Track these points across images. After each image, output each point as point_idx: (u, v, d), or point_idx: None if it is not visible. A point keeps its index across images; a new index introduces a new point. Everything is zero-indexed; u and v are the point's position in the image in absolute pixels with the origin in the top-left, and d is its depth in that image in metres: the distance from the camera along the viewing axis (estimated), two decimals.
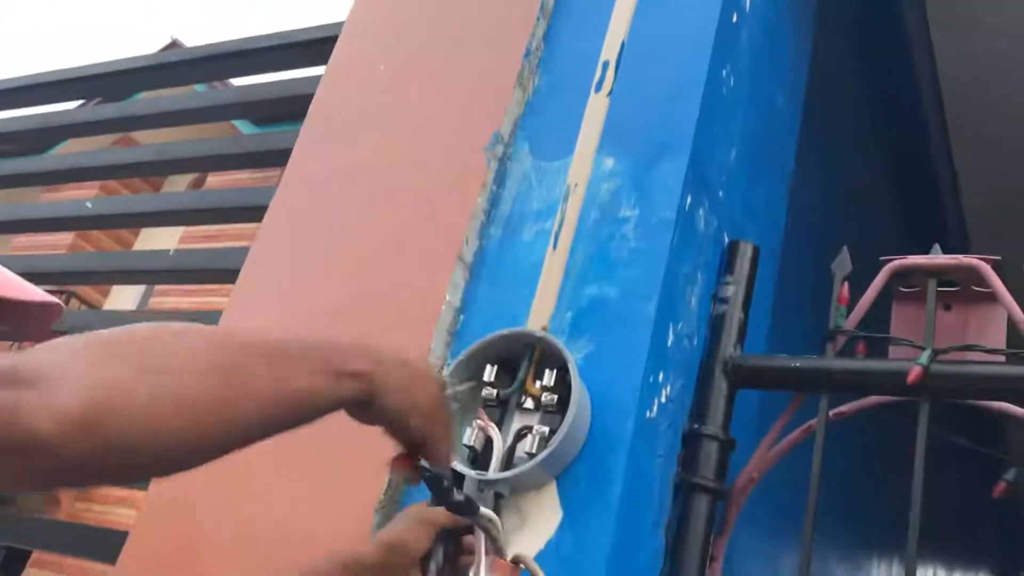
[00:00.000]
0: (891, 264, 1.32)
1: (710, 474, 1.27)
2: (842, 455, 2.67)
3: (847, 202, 2.82)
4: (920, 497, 1.17)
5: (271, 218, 1.61)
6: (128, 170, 2.48)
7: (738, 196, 1.53)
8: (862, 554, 2.98)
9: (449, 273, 1.36)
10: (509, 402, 1.23)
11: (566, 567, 1.11)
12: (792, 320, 1.85)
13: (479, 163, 1.45)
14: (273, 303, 1.50)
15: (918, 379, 1.19)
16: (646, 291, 1.25)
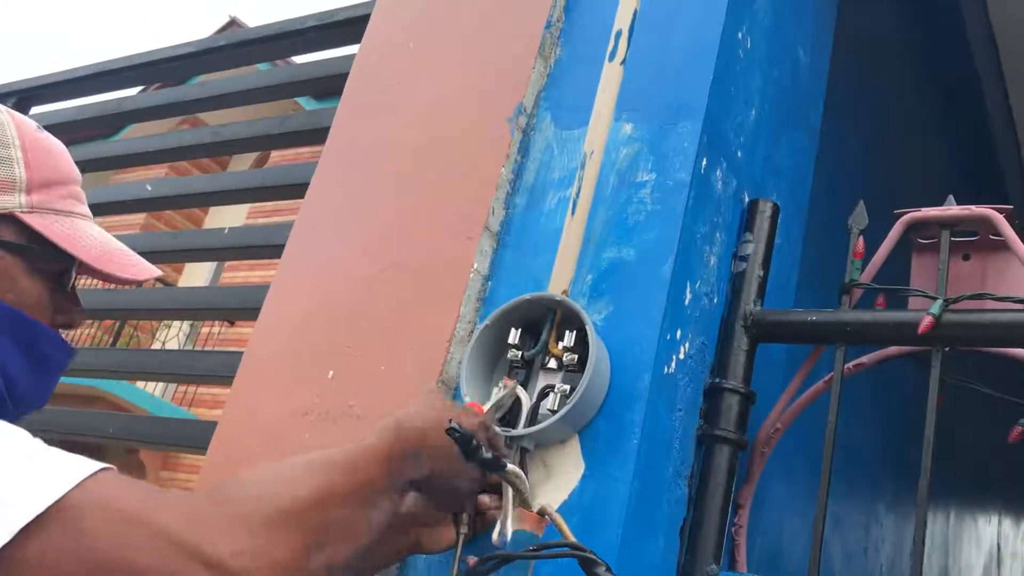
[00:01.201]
0: (905, 216, 1.34)
1: (731, 426, 1.32)
2: (889, 404, 2.68)
3: (893, 156, 2.80)
4: (931, 444, 1.20)
5: (311, 194, 1.69)
6: (186, 152, 2.60)
7: (759, 156, 1.56)
8: (910, 502, 2.99)
9: (476, 242, 1.43)
10: (533, 363, 1.30)
11: (589, 515, 1.18)
12: (828, 277, 1.87)
13: (503, 134, 1.51)
14: (314, 276, 1.59)
15: (929, 329, 1.22)
16: (662, 252, 1.30)
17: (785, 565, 1.78)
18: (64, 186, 1.05)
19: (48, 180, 1.03)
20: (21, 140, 1.02)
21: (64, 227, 1.03)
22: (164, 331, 10.19)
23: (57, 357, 1.03)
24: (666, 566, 1.24)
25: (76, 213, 1.06)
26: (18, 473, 0.72)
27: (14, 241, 0.99)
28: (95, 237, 1.06)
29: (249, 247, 2.08)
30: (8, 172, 1.00)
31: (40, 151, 1.04)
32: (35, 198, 1.01)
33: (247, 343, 1.60)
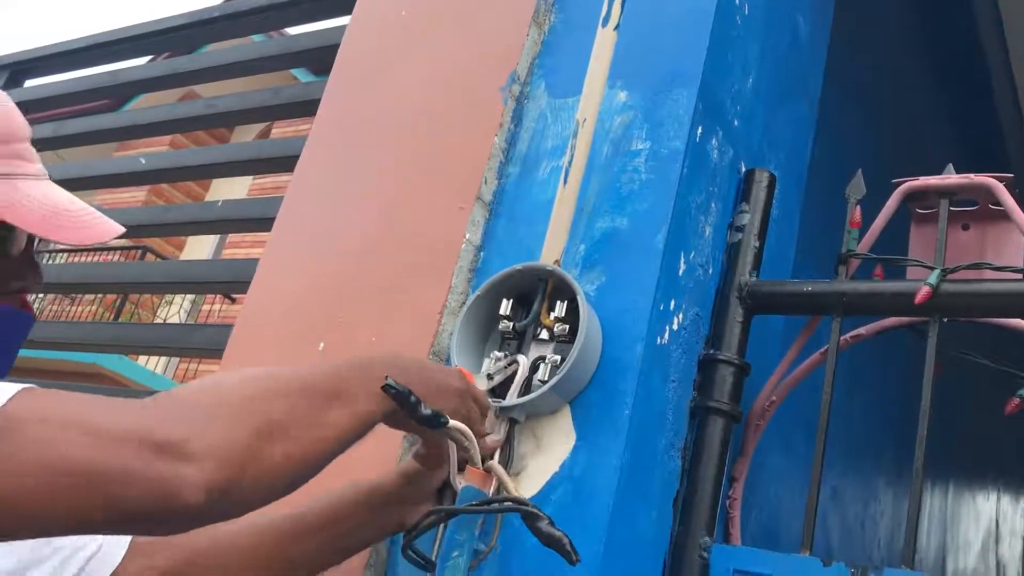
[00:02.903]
0: (904, 185, 1.32)
1: (725, 398, 1.30)
2: (888, 376, 2.67)
3: (893, 127, 2.77)
4: (927, 415, 1.18)
5: (302, 166, 1.67)
6: (180, 124, 2.57)
7: (756, 125, 1.54)
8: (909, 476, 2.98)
9: (469, 212, 1.41)
10: (525, 334, 1.28)
11: (580, 486, 1.16)
12: (825, 247, 1.85)
13: (496, 103, 1.49)
14: (305, 247, 1.57)
15: (926, 299, 1.20)
16: (656, 222, 1.28)
17: (781, 539, 1.77)
18: (7, 144, 0.97)
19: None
20: None
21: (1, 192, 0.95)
22: (165, 308, 10.19)
23: (13, 329, 0.98)
24: (659, 538, 1.23)
25: (18, 174, 0.97)
26: None
27: None
28: (38, 200, 0.98)
29: (243, 220, 2.06)
30: None
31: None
32: None
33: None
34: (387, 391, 0.90)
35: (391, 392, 0.90)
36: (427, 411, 0.94)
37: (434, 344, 1.33)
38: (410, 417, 0.93)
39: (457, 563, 1.16)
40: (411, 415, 0.92)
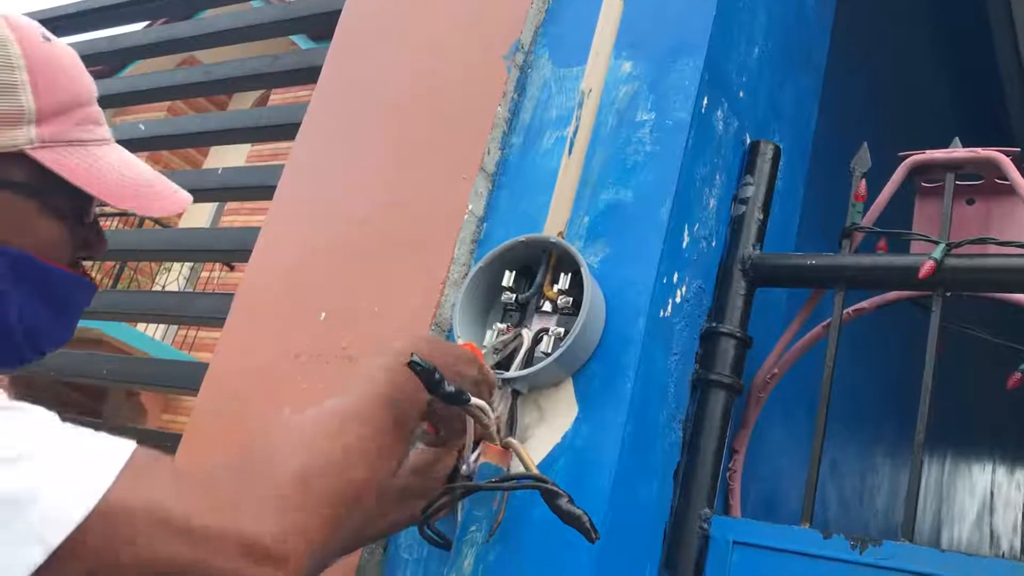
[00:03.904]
0: (909, 159, 1.31)
1: (726, 370, 1.30)
2: (888, 350, 2.67)
3: (899, 100, 2.75)
4: (930, 389, 1.19)
5: (303, 134, 1.66)
6: (177, 91, 2.55)
7: (762, 96, 1.53)
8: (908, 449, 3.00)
9: (471, 183, 1.40)
10: (528, 306, 1.28)
11: (582, 458, 1.17)
12: (830, 221, 1.85)
13: (500, 72, 1.47)
14: (306, 217, 1.56)
15: (930, 273, 1.20)
16: (660, 194, 1.28)
17: (780, 511, 1.78)
18: (79, 109, 0.93)
19: (61, 105, 0.91)
20: (27, 59, 0.89)
21: (80, 160, 0.91)
22: (164, 275, 10.17)
23: (75, 296, 0.96)
24: (660, 509, 1.23)
25: (93, 140, 0.94)
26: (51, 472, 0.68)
27: (24, 181, 0.89)
28: (115, 168, 0.94)
29: (244, 188, 2.05)
30: (13, 102, 0.87)
31: (50, 70, 0.91)
32: (46, 130, 0.89)
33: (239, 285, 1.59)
34: (412, 368, 0.90)
35: (416, 369, 0.90)
36: (451, 388, 0.93)
37: (436, 315, 1.33)
38: (433, 394, 0.93)
39: (475, 537, 1.16)
40: (435, 392, 0.92)
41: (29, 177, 0.89)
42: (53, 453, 0.69)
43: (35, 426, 0.72)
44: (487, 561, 1.15)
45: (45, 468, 0.68)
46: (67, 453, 0.70)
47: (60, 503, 0.67)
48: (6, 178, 0.88)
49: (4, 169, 0.88)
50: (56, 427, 0.73)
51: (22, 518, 0.65)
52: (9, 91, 0.87)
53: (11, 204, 0.88)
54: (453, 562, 1.16)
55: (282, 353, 1.42)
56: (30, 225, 0.90)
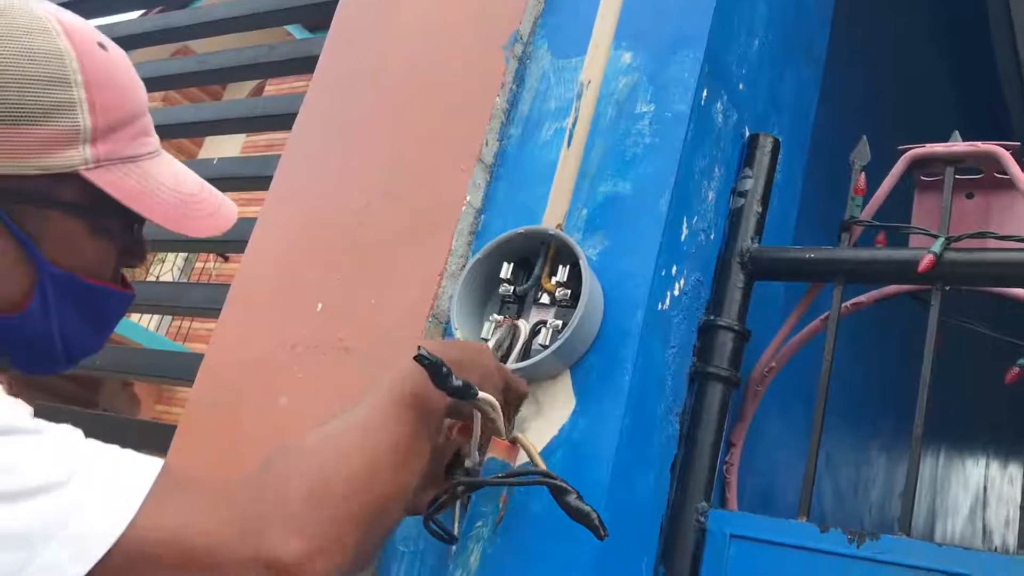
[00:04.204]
0: (909, 152, 1.31)
1: (724, 363, 1.30)
2: (885, 344, 2.68)
3: (898, 93, 2.75)
4: (928, 384, 1.18)
5: (300, 124, 1.65)
6: (172, 81, 2.53)
7: (762, 89, 1.52)
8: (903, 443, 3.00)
9: (469, 174, 1.39)
10: (526, 298, 1.27)
11: (579, 451, 1.16)
12: (829, 214, 1.84)
13: (498, 63, 1.46)
14: (302, 207, 1.55)
15: (929, 267, 1.20)
16: (659, 186, 1.27)
17: (777, 504, 1.78)
18: (134, 123, 0.90)
19: (116, 122, 0.88)
20: (84, 73, 0.85)
21: (134, 180, 0.89)
22: (158, 265, 10.14)
23: (115, 309, 0.95)
24: (656, 502, 1.23)
25: (144, 155, 0.91)
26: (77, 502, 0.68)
27: (76, 202, 0.86)
28: (167, 185, 0.92)
29: (240, 178, 2.04)
30: (70, 121, 0.84)
31: (106, 85, 0.87)
32: (101, 148, 0.86)
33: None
34: (420, 361, 0.90)
35: (424, 363, 0.90)
36: (458, 382, 0.93)
37: (434, 307, 1.32)
38: (440, 387, 0.92)
39: (480, 533, 1.16)
40: (441, 386, 0.92)
41: (81, 198, 0.87)
42: (80, 481, 0.69)
43: (61, 451, 0.71)
44: (486, 554, 1.14)
45: (72, 497, 0.68)
46: (93, 479, 0.70)
47: (86, 534, 0.67)
48: (59, 199, 0.86)
49: (57, 189, 0.86)
50: (81, 449, 0.73)
51: (50, 550, 0.66)
52: (67, 110, 0.84)
53: (62, 224, 0.87)
54: (458, 557, 1.15)
55: (278, 344, 1.41)
56: (79, 245, 0.89)
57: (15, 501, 0.66)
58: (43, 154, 0.83)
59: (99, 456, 0.72)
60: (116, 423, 2.87)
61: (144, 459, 0.74)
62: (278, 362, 1.40)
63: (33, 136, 0.83)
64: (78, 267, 0.88)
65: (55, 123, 0.83)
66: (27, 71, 0.83)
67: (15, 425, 0.70)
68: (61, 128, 0.84)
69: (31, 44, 0.84)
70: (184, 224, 0.93)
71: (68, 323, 0.89)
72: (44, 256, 0.86)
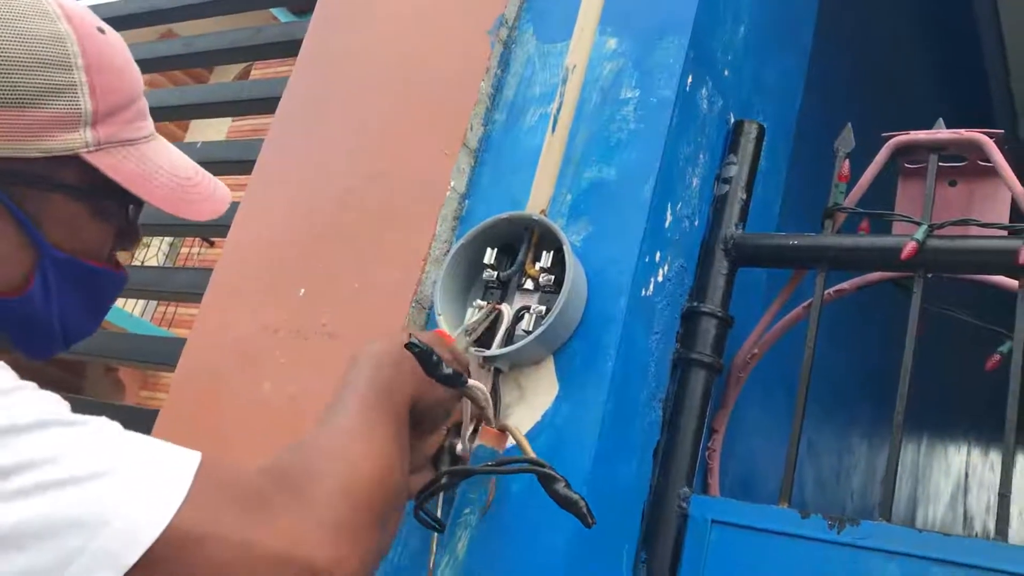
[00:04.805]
0: (893, 140, 1.31)
1: (707, 350, 1.30)
2: (868, 331, 2.69)
3: (883, 82, 2.75)
4: (909, 371, 1.19)
5: (283, 108, 1.64)
6: (157, 63, 2.51)
7: (747, 75, 1.52)
8: (885, 430, 3.02)
9: (454, 159, 1.39)
10: (510, 283, 1.27)
11: (562, 436, 1.17)
12: (813, 201, 1.85)
13: (483, 47, 1.46)
14: (285, 192, 1.54)
15: (912, 254, 1.20)
16: (644, 172, 1.27)
17: (758, 490, 1.79)
18: (131, 106, 0.90)
19: (115, 106, 0.88)
20: (84, 57, 0.86)
21: (134, 163, 0.89)
22: (143, 250, 10.09)
23: (110, 291, 0.96)
24: (638, 488, 1.23)
25: (141, 138, 0.91)
26: (121, 493, 0.68)
27: (79, 185, 0.87)
28: (165, 168, 0.92)
29: (224, 162, 2.02)
30: (71, 104, 0.84)
31: (106, 68, 0.88)
32: (102, 132, 0.87)
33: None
34: (411, 350, 0.90)
35: (414, 351, 0.90)
36: (448, 370, 0.93)
37: (417, 292, 1.32)
38: (431, 375, 0.92)
39: (468, 520, 1.16)
40: (432, 374, 0.92)
41: (82, 180, 0.88)
42: (122, 472, 0.69)
43: (102, 442, 0.71)
44: (474, 540, 1.14)
45: (116, 489, 0.68)
46: (136, 472, 0.70)
47: (133, 527, 0.67)
48: (60, 181, 0.87)
49: (59, 172, 0.86)
50: (122, 441, 0.73)
51: (95, 542, 0.65)
52: (68, 92, 0.85)
53: (63, 207, 0.87)
54: (446, 543, 1.15)
55: (261, 329, 1.40)
56: (80, 228, 0.89)
57: (61, 489, 0.66)
58: (45, 137, 0.84)
59: (140, 446, 0.72)
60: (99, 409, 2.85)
61: (183, 451, 0.74)
62: (261, 347, 1.39)
63: (35, 119, 0.83)
64: (78, 250, 0.89)
65: (56, 106, 0.84)
66: (28, 54, 0.83)
67: (53, 418, 0.70)
68: (62, 111, 0.84)
69: (32, 27, 0.84)
70: (182, 207, 0.93)
71: (67, 305, 0.90)
72: (45, 239, 0.86)
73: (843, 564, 1.10)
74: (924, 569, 1.06)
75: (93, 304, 0.94)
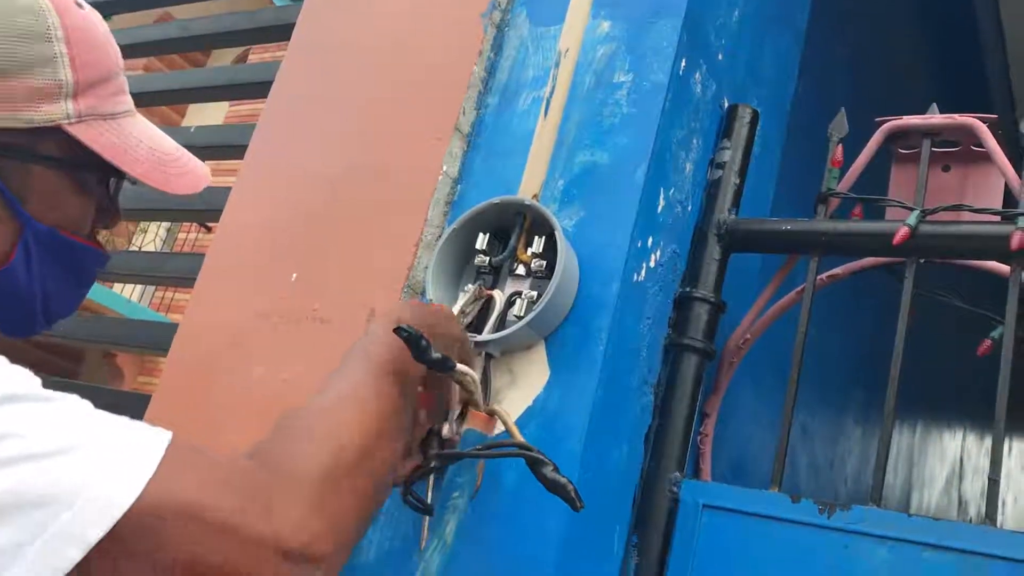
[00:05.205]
0: (886, 124, 1.31)
1: (699, 335, 1.30)
2: (861, 317, 2.69)
3: (879, 67, 2.74)
4: (900, 355, 1.19)
5: (276, 92, 1.63)
6: (152, 47, 2.50)
7: (741, 59, 1.51)
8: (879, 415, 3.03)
9: (446, 144, 1.38)
10: (501, 268, 1.27)
11: (553, 421, 1.17)
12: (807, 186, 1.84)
13: (476, 31, 1.45)
14: (277, 176, 1.54)
15: (905, 240, 1.20)
16: (636, 157, 1.26)
17: (751, 476, 1.79)
18: (111, 80, 0.91)
19: (95, 78, 0.89)
20: (64, 29, 0.87)
21: (113, 136, 0.90)
22: (140, 236, 10.08)
23: (91, 267, 0.96)
24: (630, 473, 1.23)
25: (121, 113, 0.92)
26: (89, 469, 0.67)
27: (60, 156, 0.88)
28: (144, 143, 0.93)
29: (217, 147, 2.02)
30: (52, 74, 0.85)
31: (84, 41, 0.88)
32: (82, 104, 0.87)
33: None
34: (399, 334, 0.90)
35: (403, 335, 0.90)
36: (437, 355, 0.93)
37: (409, 277, 1.32)
38: (419, 360, 0.92)
39: (457, 504, 1.16)
40: (421, 358, 0.92)
41: (63, 152, 0.88)
42: (90, 448, 0.68)
43: (71, 418, 0.70)
44: (462, 524, 1.15)
45: (83, 464, 0.67)
46: (104, 448, 0.69)
47: (99, 502, 0.66)
48: (42, 153, 0.87)
49: (40, 144, 0.87)
50: (91, 419, 0.72)
51: (62, 516, 0.65)
52: (48, 64, 0.85)
53: (44, 179, 0.88)
54: (435, 527, 1.16)
55: (253, 314, 1.40)
56: (61, 201, 0.89)
57: (27, 464, 0.65)
58: (26, 108, 0.84)
59: (108, 424, 0.72)
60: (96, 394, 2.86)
61: (154, 430, 0.73)
62: (253, 332, 1.39)
63: (15, 90, 0.84)
64: (60, 223, 0.89)
65: (37, 77, 0.84)
66: (7, 26, 0.84)
67: (19, 392, 0.70)
68: (43, 82, 0.85)
69: (9, 0, 0.85)
70: (162, 180, 0.94)
71: (49, 279, 0.90)
72: (26, 211, 0.86)
73: (833, 548, 1.10)
74: (914, 553, 1.07)
75: (75, 279, 0.94)
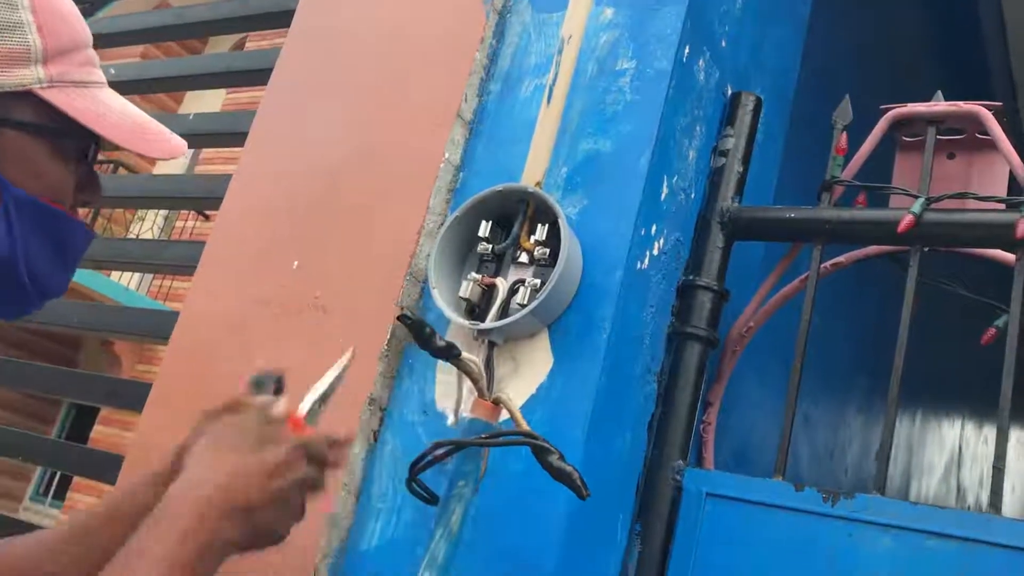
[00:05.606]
0: (891, 112, 1.30)
1: (702, 323, 1.30)
2: (864, 305, 2.69)
3: (882, 54, 2.73)
4: (904, 345, 1.19)
5: (276, 79, 1.62)
6: (149, 35, 2.49)
7: (744, 47, 1.50)
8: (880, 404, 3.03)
9: (448, 131, 1.37)
10: (504, 256, 1.26)
11: (556, 409, 1.16)
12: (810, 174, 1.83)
13: (478, 17, 1.44)
14: (278, 163, 1.53)
15: (909, 228, 1.19)
16: (639, 145, 1.26)
17: (753, 464, 1.79)
18: (80, 51, 0.92)
19: (65, 46, 0.90)
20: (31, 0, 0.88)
21: (86, 101, 0.90)
22: (138, 224, 10.06)
23: (76, 242, 0.95)
24: (633, 461, 1.23)
25: (93, 82, 0.93)
26: None
27: (34, 121, 0.88)
28: (118, 110, 0.94)
29: (215, 134, 2.01)
30: (20, 40, 0.86)
31: (51, 11, 0.90)
32: (53, 70, 0.88)
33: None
34: (403, 321, 0.90)
35: (407, 323, 0.90)
36: (441, 343, 0.94)
37: (411, 265, 1.31)
38: (423, 348, 0.92)
39: (462, 492, 1.16)
40: (425, 346, 0.92)
41: (38, 117, 0.88)
42: None
43: None
44: (468, 513, 1.14)
45: None
46: None
47: None
48: (17, 118, 0.87)
49: (14, 109, 0.87)
50: None
51: None
52: (16, 30, 0.86)
53: (21, 145, 0.87)
54: (440, 516, 1.15)
55: (254, 302, 1.39)
56: (40, 167, 0.89)
57: None
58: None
59: None
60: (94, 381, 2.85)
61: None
62: (253, 320, 1.38)
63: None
64: (40, 191, 0.89)
65: (6, 42, 0.85)
66: None
67: None
68: (12, 47, 0.86)
69: None
70: (139, 144, 0.94)
71: (33, 250, 0.89)
72: (5, 178, 0.86)
73: (837, 537, 1.10)
74: (918, 541, 1.07)
75: (60, 252, 0.93)
